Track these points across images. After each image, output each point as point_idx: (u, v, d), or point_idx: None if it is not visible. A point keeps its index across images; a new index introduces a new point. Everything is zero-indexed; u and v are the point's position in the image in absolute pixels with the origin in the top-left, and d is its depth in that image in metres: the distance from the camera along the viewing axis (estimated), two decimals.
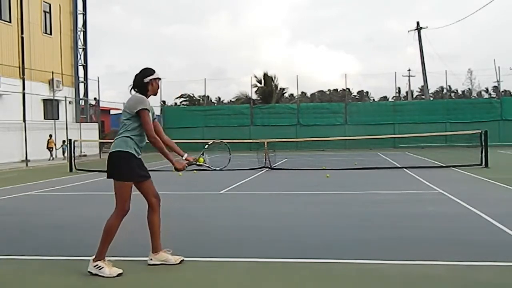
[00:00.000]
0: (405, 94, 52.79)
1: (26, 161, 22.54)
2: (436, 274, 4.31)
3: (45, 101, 27.73)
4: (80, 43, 32.04)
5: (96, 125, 31.90)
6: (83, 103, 32.26)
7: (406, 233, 6.00)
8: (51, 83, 27.87)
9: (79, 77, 31.59)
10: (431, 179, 11.85)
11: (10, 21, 25.53)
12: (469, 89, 51.21)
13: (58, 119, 27.80)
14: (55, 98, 27.95)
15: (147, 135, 4.60)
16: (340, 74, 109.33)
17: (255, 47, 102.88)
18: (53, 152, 26.03)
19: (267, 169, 16.13)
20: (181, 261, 4.78)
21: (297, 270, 4.51)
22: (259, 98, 41.22)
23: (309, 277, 4.30)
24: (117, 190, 4.62)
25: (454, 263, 4.61)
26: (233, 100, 46.24)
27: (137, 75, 4.72)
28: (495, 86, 45.58)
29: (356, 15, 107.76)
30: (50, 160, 25.26)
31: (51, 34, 28.86)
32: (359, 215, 7.45)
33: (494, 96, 50.20)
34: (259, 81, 41.30)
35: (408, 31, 41.35)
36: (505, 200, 8.78)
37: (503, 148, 26.23)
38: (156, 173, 14.86)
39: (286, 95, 48.37)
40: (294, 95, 50.10)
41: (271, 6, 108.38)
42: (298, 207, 8.36)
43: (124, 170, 4.55)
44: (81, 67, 32.04)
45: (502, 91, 38.74)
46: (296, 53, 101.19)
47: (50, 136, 26.22)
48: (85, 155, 26.47)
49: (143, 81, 4.66)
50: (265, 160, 16.66)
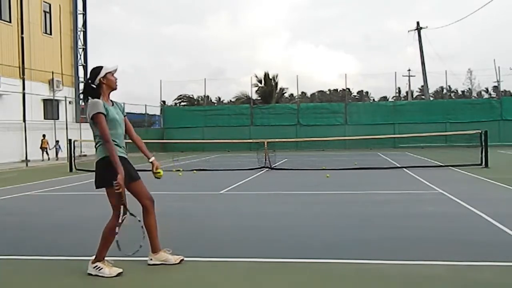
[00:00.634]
0: (405, 94, 52.80)
1: (26, 161, 22.54)
2: (436, 274, 4.31)
3: (45, 101, 27.73)
4: (80, 43, 32.04)
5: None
6: (83, 103, 32.24)
7: (406, 233, 6.00)
8: (51, 83, 27.88)
9: (79, 77, 31.58)
10: (431, 179, 11.85)
11: (10, 21, 25.54)
12: (469, 89, 51.26)
13: (58, 119, 27.81)
14: (55, 98, 27.95)
15: (102, 137, 4.54)
16: (340, 74, 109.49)
17: (255, 47, 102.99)
18: (47, 152, 25.70)
19: (267, 169, 16.13)
20: (181, 261, 4.77)
21: (297, 270, 4.51)
22: (259, 98, 41.24)
23: (309, 277, 4.30)
24: (110, 196, 4.58)
25: (454, 263, 4.60)
26: (233, 100, 46.27)
27: (86, 82, 4.61)
28: (495, 86, 45.60)
29: (355, 15, 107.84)
30: (44, 160, 24.87)
31: (51, 34, 28.87)
32: (359, 215, 7.45)
33: (494, 96, 50.21)
34: (259, 81, 41.33)
35: (408, 31, 41.42)
36: (505, 200, 8.78)
37: (503, 148, 26.23)
38: (151, 173, 14.85)
39: (286, 95, 48.45)
40: (294, 95, 50.14)
41: (270, 6, 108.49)
42: (298, 207, 8.36)
43: (111, 176, 4.45)
44: (81, 67, 32.04)
45: (502, 91, 38.75)
46: (296, 53, 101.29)
47: (44, 136, 25.81)
48: (85, 155, 26.44)
49: (92, 86, 4.51)
50: (265, 160, 16.66)
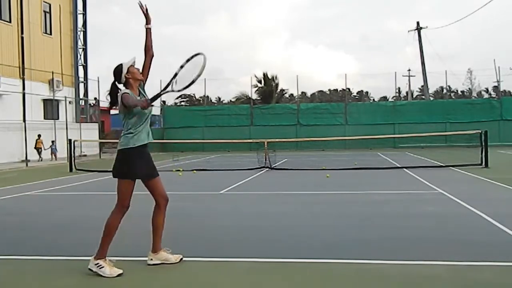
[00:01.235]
0: (405, 94, 52.79)
1: (26, 161, 22.54)
2: (436, 274, 4.31)
3: (45, 101, 27.73)
4: (80, 43, 32.05)
5: (96, 125, 31.91)
6: (83, 103, 32.27)
7: (406, 233, 6.00)
8: (51, 83, 27.88)
9: (79, 77, 31.60)
10: (431, 179, 11.85)
11: (10, 21, 25.54)
12: (469, 89, 51.25)
13: (58, 119, 27.80)
14: (55, 98, 27.95)
15: (131, 107, 4.46)
16: (340, 74, 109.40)
17: (254, 47, 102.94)
18: (41, 153, 24.99)
19: (267, 169, 16.13)
20: (181, 259, 4.79)
21: (297, 270, 4.51)
22: (259, 98, 41.23)
23: (309, 277, 4.30)
24: (119, 189, 4.64)
25: (454, 263, 4.60)
26: (233, 100, 46.28)
27: (112, 84, 4.69)
28: (495, 86, 45.57)
29: (355, 15, 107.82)
30: (39, 161, 24.20)
31: (51, 34, 28.87)
32: (359, 215, 7.45)
33: (494, 96, 50.19)
34: (259, 81, 41.33)
35: (408, 31, 41.41)
36: (505, 200, 8.78)
37: (503, 148, 26.22)
38: None
39: (286, 95, 48.43)
40: (294, 95, 50.14)
41: (270, 6, 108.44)
42: (298, 207, 8.36)
43: (126, 169, 4.53)
44: (81, 67, 32.06)
45: (502, 91, 38.72)
46: (296, 53, 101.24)
47: (39, 136, 25.23)
48: (85, 155, 26.47)
49: (116, 85, 4.63)
50: (265, 160, 16.66)
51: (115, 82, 4.66)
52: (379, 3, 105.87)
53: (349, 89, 61.65)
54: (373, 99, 63.17)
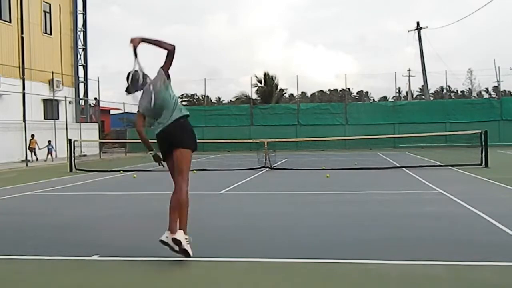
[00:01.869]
0: (405, 94, 52.80)
1: (26, 161, 22.54)
2: (436, 274, 4.31)
3: (45, 101, 27.74)
4: (80, 43, 32.06)
5: (96, 125, 31.92)
6: (83, 103, 32.27)
7: (406, 233, 6.00)
8: (51, 83, 27.88)
9: (79, 77, 31.60)
10: (431, 179, 11.85)
11: (10, 21, 25.54)
12: (469, 89, 51.27)
13: (58, 119, 27.80)
14: (55, 98, 27.96)
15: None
16: (339, 74, 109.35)
17: (253, 47, 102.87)
18: (35, 153, 24.23)
19: (267, 169, 16.13)
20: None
21: (297, 270, 4.51)
22: (259, 98, 41.23)
23: (309, 277, 4.30)
24: (187, 159, 4.73)
25: (454, 263, 4.60)
26: (233, 100, 46.28)
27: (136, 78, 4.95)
28: (495, 86, 45.58)
29: (355, 15, 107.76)
30: (32, 161, 23.43)
31: (51, 34, 28.88)
32: (359, 215, 7.45)
33: (494, 96, 50.19)
34: (259, 81, 41.32)
35: (408, 31, 41.46)
36: (505, 200, 8.78)
37: (503, 148, 26.22)
38: (154, 173, 14.86)
39: (286, 95, 48.43)
40: (294, 95, 50.15)
41: (269, 6, 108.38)
42: (298, 207, 8.36)
43: (194, 139, 4.86)
44: (81, 67, 32.06)
45: (502, 91, 38.73)
46: (295, 53, 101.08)
47: (33, 136, 24.37)
48: (85, 155, 26.46)
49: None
50: (265, 160, 16.66)
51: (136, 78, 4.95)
52: (379, 3, 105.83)
53: (349, 89, 61.72)
54: (373, 99, 63.22)
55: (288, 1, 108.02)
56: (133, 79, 4.87)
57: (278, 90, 42.63)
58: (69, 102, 29.37)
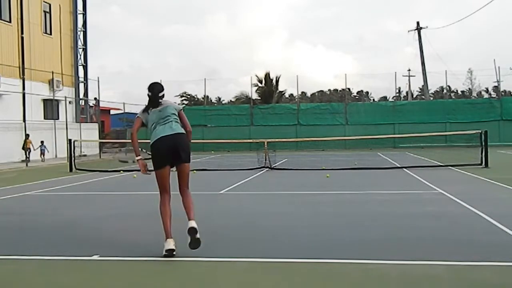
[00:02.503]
0: (405, 94, 52.81)
1: (26, 161, 22.53)
2: (436, 274, 4.31)
3: (45, 101, 27.72)
4: (80, 43, 32.05)
5: (96, 125, 31.92)
6: (83, 103, 32.27)
7: (406, 233, 6.00)
8: (51, 83, 27.87)
9: (79, 77, 31.59)
10: (431, 179, 11.85)
11: (10, 21, 25.53)
12: (469, 89, 51.26)
13: (58, 119, 27.80)
14: (55, 98, 27.95)
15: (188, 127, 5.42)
16: (339, 74, 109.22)
17: (253, 47, 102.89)
18: (29, 154, 23.17)
19: (267, 169, 16.13)
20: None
21: (297, 270, 4.51)
22: (259, 98, 41.23)
23: (309, 277, 4.30)
24: (188, 171, 5.41)
25: (454, 263, 4.61)
26: (233, 100, 46.28)
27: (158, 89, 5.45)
28: (495, 86, 45.57)
29: (355, 15, 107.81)
30: (26, 162, 22.51)
31: (51, 34, 28.87)
32: (359, 215, 7.45)
33: (494, 96, 50.19)
34: (260, 81, 41.31)
35: (408, 31, 41.46)
36: (505, 200, 8.78)
37: (503, 148, 26.23)
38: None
39: (286, 95, 48.42)
40: (294, 95, 50.15)
41: (269, 6, 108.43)
42: (298, 207, 8.36)
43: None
44: (81, 67, 32.06)
45: (502, 91, 38.71)
46: (295, 53, 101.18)
47: (27, 136, 23.55)
48: (85, 155, 26.45)
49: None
50: (265, 160, 16.66)
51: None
52: (379, 3, 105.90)
53: (349, 89, 61.77)
54: (373, 99, 63.23)
55: (288, 1, 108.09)
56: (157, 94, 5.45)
57: (278, 90, 42.64)
58: (69, 102, 29.37)
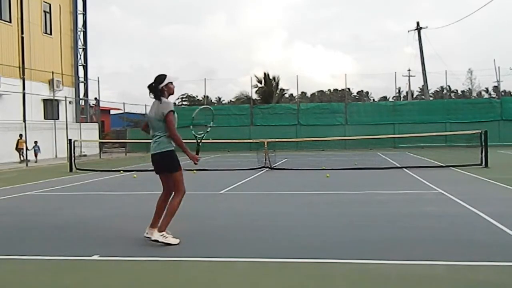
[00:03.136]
0: (405, 94, 52.83)
1: (26, 161, 22.53)
2: (436, 274, 4.31)
3: (45, 101, 27.74)
4: (80, 43, 32.06)
5: (96, 125, 31.93)
6: (83, 103, 32.27)
7: (406, 233, 6.00)
8: (51, 83, 27.88)
9: (79, 77, 31.60)
10: (431, 179, 11.85)
11: (10, 21, 25.54)
12: (469, 89, 51.27)
13: (58, 119, 27.81)
14: (55, 98, 27.96)
15: (172, 131, 5.58)
16: (339, 75, 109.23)
17: (253, 47, 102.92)
18: (23, 154, 23.03)
19: (267, 169, 16.13)
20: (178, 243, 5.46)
21: (297, 270, 4.51)
22: (259, 98, 41.22)
23: (309, 277, 4.30)
24: (177, 178, 5.59)
25: (454, 263, 4.61)
26: (233, 100, 46.26)
27: (152, 84, 5.53)
28: (495, 86, 45.59)
29: (355, 15, 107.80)
30: (20, 163, 22.51)
31: (51, 34, 28.87)
32: (359, 215, 7.45)
33: (494, 96, 50.19)
34: (259, 81, 41.30)
35: (408, 31, 41.47)
36: (505, 200, 8.78)
37: (503, 148, 26.23)
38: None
39: (286, 95, 48.41)
40: (294, 95, 50.14)
41: (268, 6, 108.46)
42: (298, 207, 8.36)
43: (177, 163, 5.64)
44: (81, 67, 32.06)
45: (502, 91, 38.71)
46: (295, 53, 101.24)
47: (21, 136, 23.24)
48: (85, 155, 26.46)
49: (158, 88, 5.51)
50: (265, 160, 16.65)
51: (153, 85, 5.54)
52: (378, 3, 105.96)
53: (349, 89, 61.76)
54: (373, 99, 63.24)
55: (287, 1, 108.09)
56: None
57: (278, 90, 42.62)
58: (69, 102, 29.37)
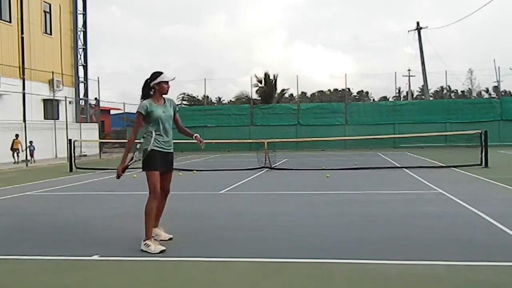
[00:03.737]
0: (405, 94, 52.83)
1: (26, 161, 22.53)
2: (436, 274, 4.31)
3: (45, 101, 27.75)
4: (80, 43, 32.06)
5: (96, 125, 31.94)
6: (83, 103, 32.28)
7: (406, 233, 6.00)
8: (51, 83, 27.89)
9: (79, 77, 31.61)
10: (431, 179, 11.85)
11: (10, 21, 25.55)
12: (469, 89, 51.29)
13: (58, 119, 27.82)
14: (55, 98, 27.97)
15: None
16: (339, 75, 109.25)
17: (252, 47, 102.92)
18: (18, 154, 22.85)
19: (267, 169, 16.13)
20: (170, 239, 5.61)
21: (297, 270, 4.51)
22: (259, 98, 41.22)
23: (309, 277, 4.30)
24: (147, 180, 5.33)
25: (454, 263, 4.61)
26: (233, 100, 46.27)
27: (145, 82, 5.43)
28: (495, 86, 45.59)
29: (355, 15, 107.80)
30: (15, 163, 22.26)
31: (51, 34, 28.88)
32: (359, 215, 7.44)
33: (494, 96, 50.19)
34: (259, 81, 41.30)
35: (408, 31, 41.50)
36: (505, 200, 8.78)
37: (503, 148, 26.23)
38: None
39: (286, 95, 48.41)
40: (294, 95, 50.14)
41: (268, 6, 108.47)
42: (298, 207, 8.36)
43: (147, 164, 5.35)
44: (81, 67, 32.07)
45: (502, 91, 38.72)
46: (294, 53, 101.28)
47: (17, 136, 23.12)
48: (85, 155, 26.47)
49: (149, 84, 5.40)
50: (265, 160, 16.66)
51: (148, 81, 5.43)
52: (378, 3, 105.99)
53: (349, 89, 61.78)
54: (373, 99, 63.24)
55: (287, 1, 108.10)
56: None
57: (278, 90, 42.63)
58: (69, 102, 29.39)
